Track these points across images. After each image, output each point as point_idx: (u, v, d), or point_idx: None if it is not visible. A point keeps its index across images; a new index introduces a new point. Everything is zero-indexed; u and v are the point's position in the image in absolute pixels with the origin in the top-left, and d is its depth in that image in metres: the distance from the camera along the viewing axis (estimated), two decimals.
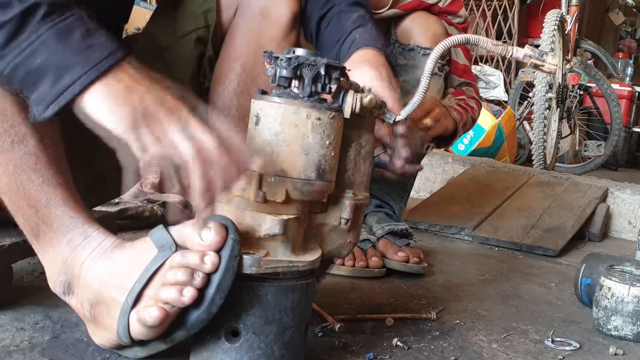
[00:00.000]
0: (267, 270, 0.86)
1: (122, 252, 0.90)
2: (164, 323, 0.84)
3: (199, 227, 0.84)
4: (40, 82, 0.78)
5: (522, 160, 4.31)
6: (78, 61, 0.77)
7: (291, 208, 0.88)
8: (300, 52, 0.88)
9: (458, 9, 1.79)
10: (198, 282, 0.82)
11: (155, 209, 1.82)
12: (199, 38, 1.21)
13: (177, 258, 0.85)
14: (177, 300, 0.83)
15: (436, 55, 0.98)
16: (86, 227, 0.91)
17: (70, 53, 0.77)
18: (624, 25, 7.72)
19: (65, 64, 0.77)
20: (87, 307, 0.91)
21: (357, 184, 0.97)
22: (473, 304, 1.45)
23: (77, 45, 0.78)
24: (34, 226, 0.90)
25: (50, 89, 0.77)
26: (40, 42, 0.77)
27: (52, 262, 0.92)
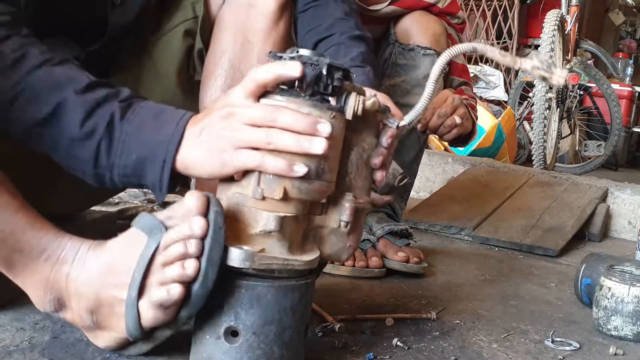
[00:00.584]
0: (261, 266, 0.86)
1: (107, 249, 0.89)
2: (177, 302, 0.83)
3: (181, 202, 0.85)
4: (144, 174, 0.87)
5: (522, 160, 4.31)
6: (162, 139, 0.86)
7: (289, 207, 0.88)
8: (303, 52, 0.88)
9: (457, 10, 1.79)
10: (193, 249, 0.82)
11: (155, 209, 1.82)
12: (187, 30, 1.18)
13: (170, 235, 0.84)
14: (182, 275, 0.82)
15: (443, 62, 0.97)
16: (59, 241, 0.89)
17: (152, 137, 0.86)
18: (624, 25, 7.72)
19: (152, 147, 0.86)
20: (86, 316, 0.89)
21: (358, 188, 0.97)
22: (473, 304, 1.45)
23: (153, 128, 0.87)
24: (6, 256, 0.88)
25: (156, 175, 0.87)
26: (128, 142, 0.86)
27: (35, 285, 0.90)
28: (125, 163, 0.87)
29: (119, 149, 0.87)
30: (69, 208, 1.31)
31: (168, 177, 0.87)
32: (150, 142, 0.86)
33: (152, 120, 0.87)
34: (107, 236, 1.42)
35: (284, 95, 0.88)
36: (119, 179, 0.88)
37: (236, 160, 0.84)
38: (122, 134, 0.86)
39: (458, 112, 1.69)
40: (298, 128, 0.83)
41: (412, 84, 1.71)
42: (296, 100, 0.86)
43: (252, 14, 1.14)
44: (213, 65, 1.15)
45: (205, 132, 0.85)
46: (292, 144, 0.83)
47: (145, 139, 0.86)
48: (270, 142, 0.83)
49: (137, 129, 0.87)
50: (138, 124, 0.87)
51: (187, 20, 1.17)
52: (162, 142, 0.86)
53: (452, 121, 1.67)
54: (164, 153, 0.86)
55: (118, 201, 1.79)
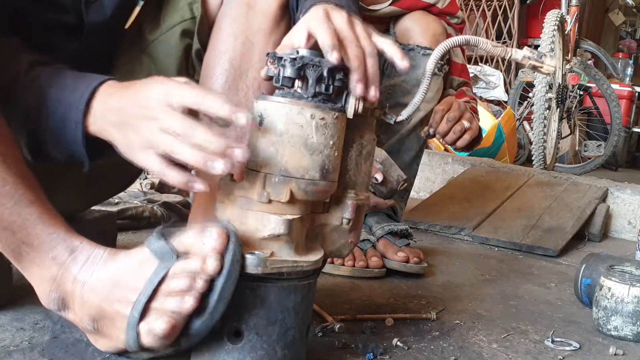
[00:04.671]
0: (273, 270, 0.86)
1: (117, 262, 0.89)
2: (173, 334, 0.83)
3: (200, 234, 0.84)
4: (64, 137, 0.89)
5: (522, 161, 4.32)
6: (73, 99, 0.88)
7: (295, 208, 0.88)
8: (304, 53, 0.88)
9: (456, 10, 1.80)
10: (200, 286, 0.82)
11: (155, 209, 1.82)
12: (185, 31, 1.16)
13: (180, 266, 0.84)
14: (179, 308, 0.82)
15: (437, 56, 0.98)
16: (69, 241, 0.90)
17: (68, 98, 0.89)
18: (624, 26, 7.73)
19: (67, 108, 0.88)
20: (88, 321, 0.89)
21: (358, 184, 0.97)
22: (473, 304, 1.45)
23: (70, 89, 0.89)
24: (14, 248, 0.88)
25: (72, 132, 0.88)
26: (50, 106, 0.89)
27: (41, 280, 0.90)
28: (50, 126, 0.90)
29: (44, 113, 0.90)
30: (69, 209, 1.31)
31: (82, 139, 0.88)
32: (66, 103, 0.89)
33: (71, 83, 0.90)
34: (107, 236, 1.43)
35: (287, 96, 0.88)
36: (51, 149, 0.92)
37: (141, 159, 0.85)
38: (47, 99, 0.90)
39: (465, 117, 1.69)
40: (209, 149, 0.82)
41: (412, 83, 1.71)
42: (299, 102, 0.86)
43: (252, 14, 1.13)
44: (212, 65, 1.14)
45: (122, 114, 0.87)
46: (198, 160, 0.82)
47: (62, 101, 0.89)
48: (175, 152, 0.83)
49: (59, 92, 0.89)
50: (61, 87, 0.90)
51: (185, 20, 1.16)
52: (73, 103, 0.88)
53: (461, 126, 1.68)
54: (74, 113, 0.88)
55: (118, 201, 1.79)
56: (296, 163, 0.86)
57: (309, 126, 0.86)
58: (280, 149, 0.86)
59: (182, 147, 0.82)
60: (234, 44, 1.13)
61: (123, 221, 1.71)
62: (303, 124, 0.86)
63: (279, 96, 0.88)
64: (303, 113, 0.86)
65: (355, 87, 0.89)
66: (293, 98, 0.87)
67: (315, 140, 0.86)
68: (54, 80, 0.90)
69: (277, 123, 0.86)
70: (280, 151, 0.86)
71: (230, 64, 1.13)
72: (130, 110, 0.85)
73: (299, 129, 0.86)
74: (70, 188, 1.20)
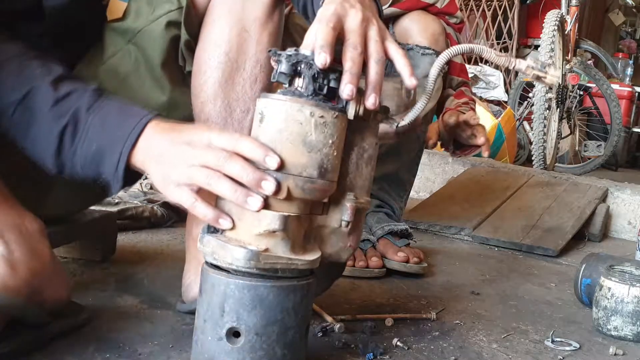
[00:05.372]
0: (266, 265, 0.86)
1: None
2: None
3: None
4: (102, 165, 0.91)
5: (522, 161, 4.31)
6: (121, 133, 0.90)
7: (292, 206, 0.88)
8: (302, 51, 0.88)
9: (455, 10, 1.80)
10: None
11: (155, 209, 1.82)
12: (171, 21, 1.13)
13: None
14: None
15: (441, 63, 0.98)
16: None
17: (114, 130, 0.90)
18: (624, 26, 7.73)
19: (112, 139, 0.90)
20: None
21: (358, 188, 0.97)
22: (473, 304, 1.45)
23: (116, 122, 0.91)
24: None
25: (112, 167, 0.90)
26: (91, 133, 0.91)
27: None
28: (86, 152, 0.91)
29: (82, 137, 0.91)
30: (64, 211, 1.31)
31: (122, 171, 0.90)
32: (110, 135, 0.90)
33: (116, 114, 0.92)
34: (107, 236, 1.43)
35: (287, 94, 0.88)
36: (79, 168, 0.92)
37: (174, 193, 0.88)
38: (87, 124, 0.90)
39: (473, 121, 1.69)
40: (243, 180, 0.85)
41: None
42: (299, 100, 0.86)
43: (248, 2, 1.10)
44: (207, 58, 1.11)
45: (163, 150, 0.89)
46: (229, 194, 0.85)
47: (106, 131, 0.90)
48: (210, 184, 0.86)
49: (101, 121, 0.91)
50: (102, 116, 0.91)
51: (172, 11, 1.12)
52: (121, 137, 0.90)
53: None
54: (122, 147, 0.90)
55: (118, 201, 1.79)
56: (294, 160, 0.86)
57: (308, 124, 0.86)
58: (279, 146, 0.86)
59: (219, 181, 0.85)
60: (229, 34, 1.10)
61: (123, 221, 1.71)
62: (302, 121, 0.86)
63: (280, 94, 0.88)
64: (302, 110, 0.86)
65: (343, 89, 0.87)
66: (293, 96, 0.87)
67: (314, 138, 0.86)
68: (95, 105, 0.92)
69: (277, 120, 0.86)
70: (278, 148, 0.86)
71: (226, 57, 1.10)
72: (173, 148, 0.88)
73: (298, 126, 0.86)
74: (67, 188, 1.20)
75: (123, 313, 1.13)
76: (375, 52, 0.91)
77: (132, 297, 1.19)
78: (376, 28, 0.93)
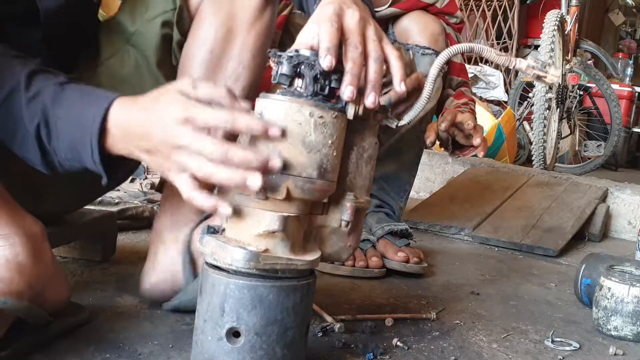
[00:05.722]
0: (266, 266, 0.86)
1: None
2: None
3: None
4: (80, 157, 0.87)
5: (522, 161, 4.32)
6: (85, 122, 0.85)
7: (292, 206, 0.88)
8: (303, 52, 0.88)
9: (455, 10, 1.80)
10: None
11: (155, 209, 1.82)
12: (166, 21, 1.14)
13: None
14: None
15: (441, 62, 0.98)
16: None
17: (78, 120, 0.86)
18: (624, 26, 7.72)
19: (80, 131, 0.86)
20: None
21: (358, 187, 0.97)
22: (473, 304, 1.45)
23: (79, 111, 0.87)
24: None
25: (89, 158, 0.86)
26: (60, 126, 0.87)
27: None
28: (63, 148, 0.87)
29: (54, 134, 0.87)
30: (64, 208, 1.31)
31: (100, 161, 0.86)
32: (77, 127, 0.86)
33: (78, 103, 0.87)
34: (107, 237, 1.43)
35: (286, 94, 0.88)
36: (67, 165, 0.89)
37: (174, 180, 0.85)
38: (54, 119, 0.87)
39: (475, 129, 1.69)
40: (251, 165, 0.81)
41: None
42: (298, 100, 0.86)
43: (236, 4, 1.11)
44: (191, 55, 1.12)
45: (148, 141, 0.84)
46: (236, 179, 0.81)
47: (72, 124, 0.86)
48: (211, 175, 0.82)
49: (65, 113, 0.87)
50: (66, 108, 0.87)
51: (166, 12, 1.14)
52: (87, 127, 0.86)
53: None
54: (89, 137, 0.85)
55: (118, 201, 1.79)
56: (294, 160, 0.86)
57: (307, 124, 0.86)
58: (278, 146, 0.86)
59: (217, 170, 0.81)
60: (215, 33, 1.11)
61: (123, 221, 1.71)
62: (302, 122, 0.86)
63: (279, 94, 0.88)
64: (302, 111, 0.86)
65: (344, 90, 0.87)
66: (293, 96, 0.87)
67: (313, 138, 0.86)
68: (59, 98, 0.87)
69: (276, 120, 0.86)
70: (278, 148, 0.86)
71: (210, 54, 1.11)
72: (156, 137, 0.83)
73: (297, 126, 0.86)
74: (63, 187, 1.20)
75: (123, 313, 1.13)
76: (374, 50, 0.91)
77: (132, 297, 1.19)
78: (373, 28, 0.93)
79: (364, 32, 0.91)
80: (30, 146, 0.88)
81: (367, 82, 0.89)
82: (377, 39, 0.92)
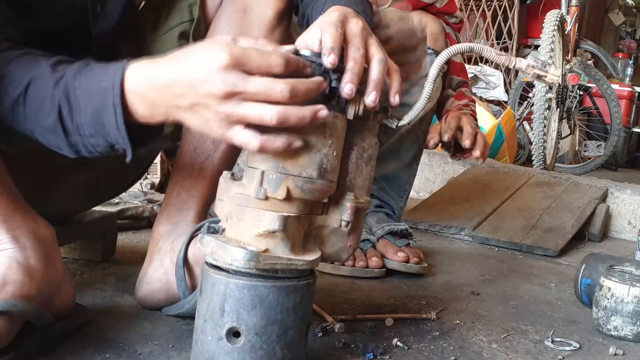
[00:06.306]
0: (266, 266, 0.86)
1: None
2: None
3: None
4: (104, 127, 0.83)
5: (522, 161, 4.32)
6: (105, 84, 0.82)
7: (292, 206, 0.88)
8: (304, 52, 0.88)
9: (454, 9, 1.80)
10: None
11: (155, 209, 1.82)
12: (183, 32, 1.15)
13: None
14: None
15: (441, 62, 0.98)
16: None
17: (99, 84, 0.82)
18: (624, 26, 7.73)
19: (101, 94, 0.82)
20: None
21: (358, 188, 0.97)
22: (473, 304, 1.45)
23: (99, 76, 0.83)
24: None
25: (112, 124, 0.82)
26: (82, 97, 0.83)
27: None
28: (85, 121, 0.83)
29: (77, 106, 0.83)
30: (69, 210, 1.31)
31: (123, 122, 0.81)
32: (97, 91, 0.82)
33: (99, 70, 0.84)
34: (107, 237, 1.43)
35: None
36: (90, 144, 0.85)
37: (229, 136, 0.81)
38: (76, 90, 0.82)
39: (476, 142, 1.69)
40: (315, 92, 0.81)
41: (410, 83, 1.71)
42: None
43: (247, 20, 1.12)
44: None
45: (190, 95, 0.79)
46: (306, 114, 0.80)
47: (93, 89, 0.82)
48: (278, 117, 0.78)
49: (87, 83, 0.83)
50: (88, 77, 0.83)
51: (184, 22, 1.15)
52: (107, 87, 0.81)
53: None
54: (111, 97, 0.81)
55: (118, 201, 1.79)
56: (293, 160, 0.86)
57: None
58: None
59: (286, 110, 0.78)
60: None
61: (123, 221, 1.71)
62: None
63: None
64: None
65: (342, 87, 0.86)
66: None
67: (313, 138, 0.86)
68: (81, 72, 0.84)
69: None
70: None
71: None
72: (201, 89, 0.77)
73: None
74: (71, 190, 1.20)
75: (123, 313, 1.13)
76: (378, 52, 0.91)
77: (132, 297, 1.19)
78: (375, 38, 0.94)
79: (366, 39, 0.92)
80: (54, 128, 0.85)
81: (369, 81, 0.90)
82: (379, 45, 0.93)
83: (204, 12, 1.15)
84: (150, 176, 2.14)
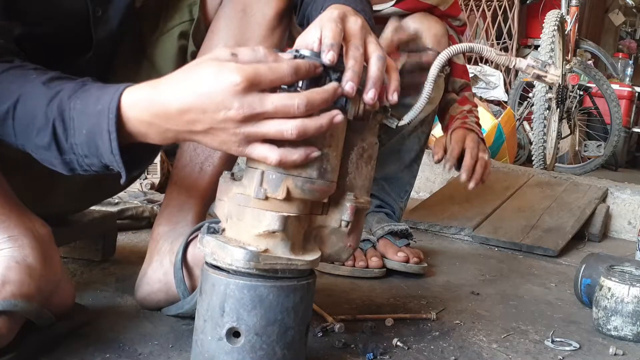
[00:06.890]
0: (266, 266, 0.86)
1: None
2: None
3: None
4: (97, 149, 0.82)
5: (522, 161, 4.31)
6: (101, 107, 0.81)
7: (292, 206, 0.88)
8: (303, 52, 0.88)
9: (458, 12, 1.80)
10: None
11: (155, 209, 1.82)
12: (183, 32, 1.15)
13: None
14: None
15: (441, 62, 0.98)
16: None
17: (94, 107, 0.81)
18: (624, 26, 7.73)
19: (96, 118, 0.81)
20: None
21: (358, 188, 0.97)
22: (473, 304, 1.45)
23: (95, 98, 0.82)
24: None
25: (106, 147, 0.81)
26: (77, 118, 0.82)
27: None
28: (80, 142, 0.82)
29: (71, 127, 0.82)
30: (66, 209, 1.31)
31: (117, 148, 0.81)
32: (93, 114, 0.81)
33: (96, 92, 0.83)
34: (107, 237, 1.43)
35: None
36: (85, 162, 0.84)
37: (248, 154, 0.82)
38: (71, 111, 0.82)
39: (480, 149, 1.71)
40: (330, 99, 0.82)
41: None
42: None
43: (246, 20, 1.12)
44: None
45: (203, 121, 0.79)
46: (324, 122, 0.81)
47: (89, 111, 0.81)
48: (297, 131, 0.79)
49: (82, 104, 0.82)
50: (83, 100, 0.82)
51: (184, 22, 1.15)
52: (102, 111, 0.80)
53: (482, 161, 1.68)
54: (106, 122, 0.80)
55: (118, 201, 1.79)
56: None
57: None
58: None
59: (304, 123, 0.79)
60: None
61: (123, 221, 1.71)
62: None
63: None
64: None
65: (343, 86, 0.86)
66: None
67: (313, 138, 0.86)
68: (77, 92, 0.83)
69: None
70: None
71: None
72: (217, 115, 0.77)
73: None
74: (69, 189, 1.20)
75: (123, 313, 1.13)
76: (377, 50, 0.91)
77: (132, 297, 1.19)
78: (374, 37, 0.94)
79: (365, 38, 0.92)
80: (48, 146, 0.84)
81: (368, 79, 0.89)
82: (379, 44, 0.93)
83: (204, 12, 1.15)
84: (150, 176, 2.13)
